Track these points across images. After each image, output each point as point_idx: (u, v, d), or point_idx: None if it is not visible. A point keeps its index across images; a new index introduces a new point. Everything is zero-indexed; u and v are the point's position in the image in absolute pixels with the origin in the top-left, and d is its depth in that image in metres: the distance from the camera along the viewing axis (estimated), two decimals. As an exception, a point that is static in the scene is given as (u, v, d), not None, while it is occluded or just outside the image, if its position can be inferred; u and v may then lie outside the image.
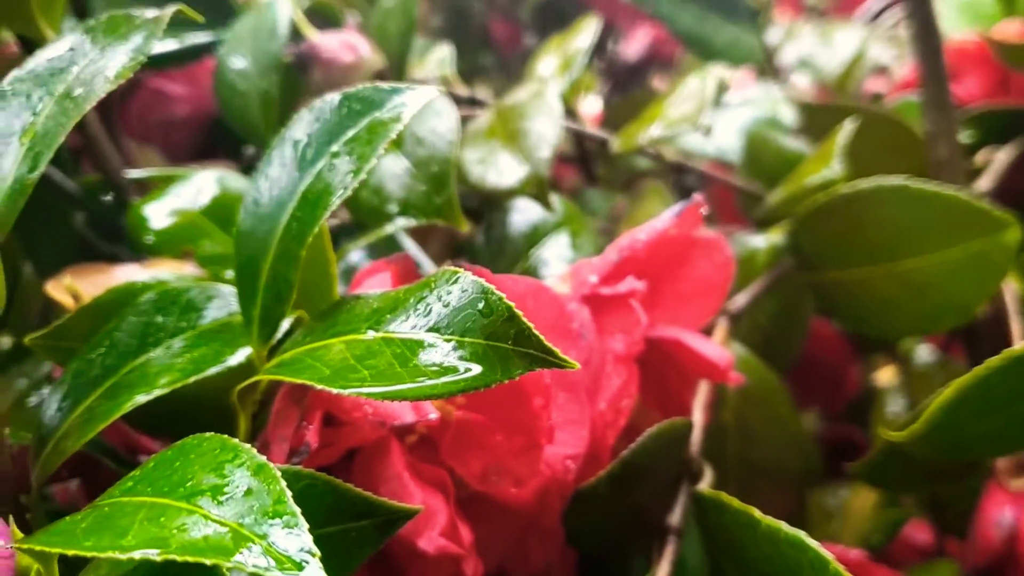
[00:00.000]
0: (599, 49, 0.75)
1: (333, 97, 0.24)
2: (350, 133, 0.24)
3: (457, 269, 0.21)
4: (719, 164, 0.57)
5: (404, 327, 0.21)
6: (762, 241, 0.44)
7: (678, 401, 0.32)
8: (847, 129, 0.41)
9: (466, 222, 0.34)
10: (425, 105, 0.36)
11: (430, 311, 0.21)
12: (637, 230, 0.31)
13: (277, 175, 0.24)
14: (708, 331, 0.37)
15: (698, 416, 0.33)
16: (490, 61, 0.80)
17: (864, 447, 0.61)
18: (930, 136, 0.42)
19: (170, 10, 0.27)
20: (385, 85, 0.24)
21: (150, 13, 0.34)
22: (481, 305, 0.20)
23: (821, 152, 0.41)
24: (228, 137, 0.45)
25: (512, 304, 0.20)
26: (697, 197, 0.31)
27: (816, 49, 0.69)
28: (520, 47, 0.77)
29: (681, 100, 0.39)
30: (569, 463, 0.27)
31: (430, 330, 0.21)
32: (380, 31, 0.42)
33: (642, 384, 0.30)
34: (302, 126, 0.24)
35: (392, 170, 0.35)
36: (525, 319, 0.20)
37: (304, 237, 0.23)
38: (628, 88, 0.90)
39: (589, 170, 0.63)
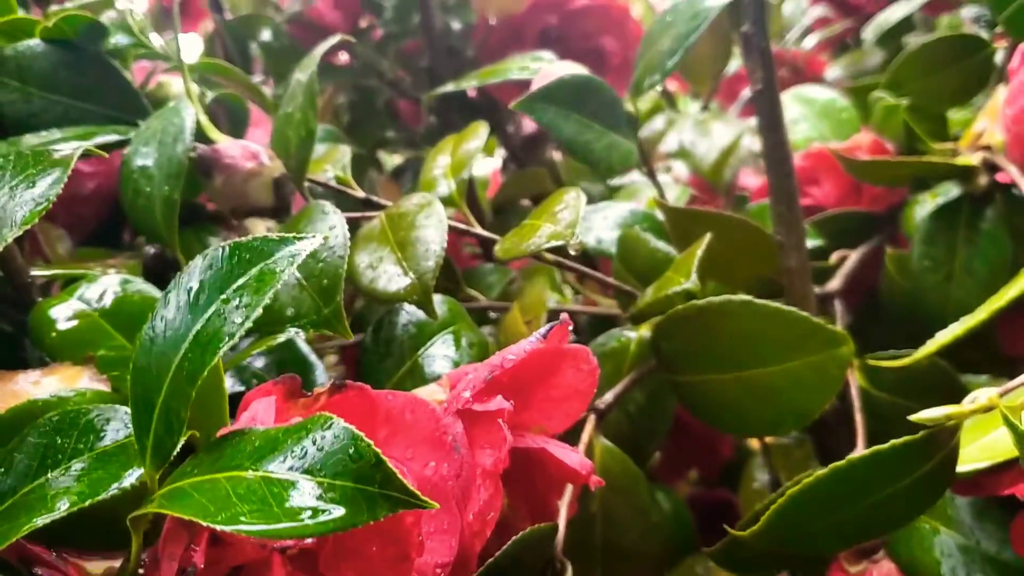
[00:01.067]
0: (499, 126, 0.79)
1: (225, 246, 0.27)
2: (240, 281, 0.27)
3: (330, 416, 0.24)
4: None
5: (282, 468, 0.24)
6: (634, 335, 0.48)
7: (545, 502, 0.36)
8: (704, 241, 0.45)
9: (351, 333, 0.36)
10: (319, 217, 0.39)
11: (305, 454, 0.24)
12: (508, 350, 0.34)
13: (172, 317, 0.27)
14: (579, 425, 0.40)
15: (564, 512, 0.36)
16: (395, 135, 0.83)
17: (737, 510, 0.66)
18: (781, 247, 0.47)
19: (80, 149, 0.29)
20: (274, 236, 0.27)
21: (65, 149, 0.36)
22: (351, 451, 0.23)
23: (682, 261, 0.45)
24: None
25: (379, 451, 0.23)
26: (564, 317, 0.35)
27: (695, 139, 0.74)
28: (425, 122, 0.81)
29: (556, 214, 0.43)
30: (439, 571, 0.30)
31: (305, 471, 0.23)
32: (281, 137, 0.45)
33: (512, 487, 0.33)
34: (196, 273, 0.27)
35: (285, 280, 0.38)
36: (390, 465, 0.23)
37: (195, 378, 0.25)
38: (526, 159, 0.94)
39: (486, 250, 0.67)
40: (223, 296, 0.26)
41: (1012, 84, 0.52)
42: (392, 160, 0.88)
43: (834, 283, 0.54)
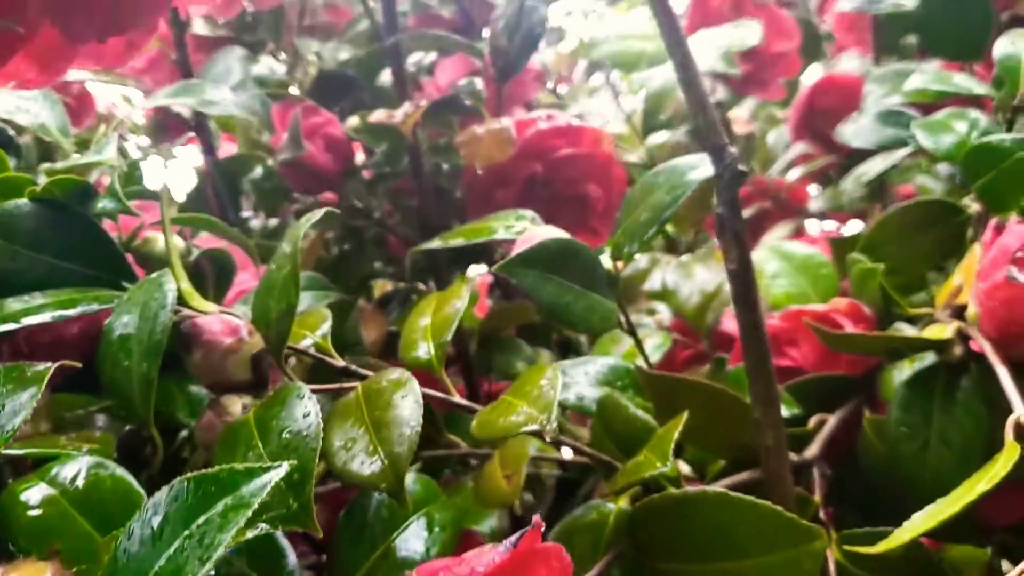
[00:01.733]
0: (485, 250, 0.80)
1: (190, 479, 0.27)
2: (205, 517, 0.26)
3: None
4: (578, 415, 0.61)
5: None
6: (612, 507, 0.48)
7: None
8: (682, 421, 0.45)
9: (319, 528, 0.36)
10: (294, 402, 0.40)
11: None
12: (477, 558, 0.34)
13: (136, 550, 0.27)
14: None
15: None
16: (383, 266, 0.84)
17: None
18: (758, 425, 0.47)
19: (52, 368, 0.30)
20: (241, 468, 0.27)
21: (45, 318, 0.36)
22: None
23: (658, 441, 0.45)
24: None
25: None
26: (536, 519, 0.35)
27: (679, 281, 0.75)
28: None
29: (533, 393, 0.43)
30: None
31: None
32: (262, 306, 0.45)
33: None
34: (161, 505, 0.27)
35: (257, 469, 0.37)
36: None
37: (154, 620, 0.25)
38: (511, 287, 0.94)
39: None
40: (187, 532, 0.26)
41: (984, 259, 0.53)
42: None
43: (812, 450, 0.54)
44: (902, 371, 0.56)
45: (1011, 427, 0.45)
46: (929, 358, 0.55)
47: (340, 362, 0.48)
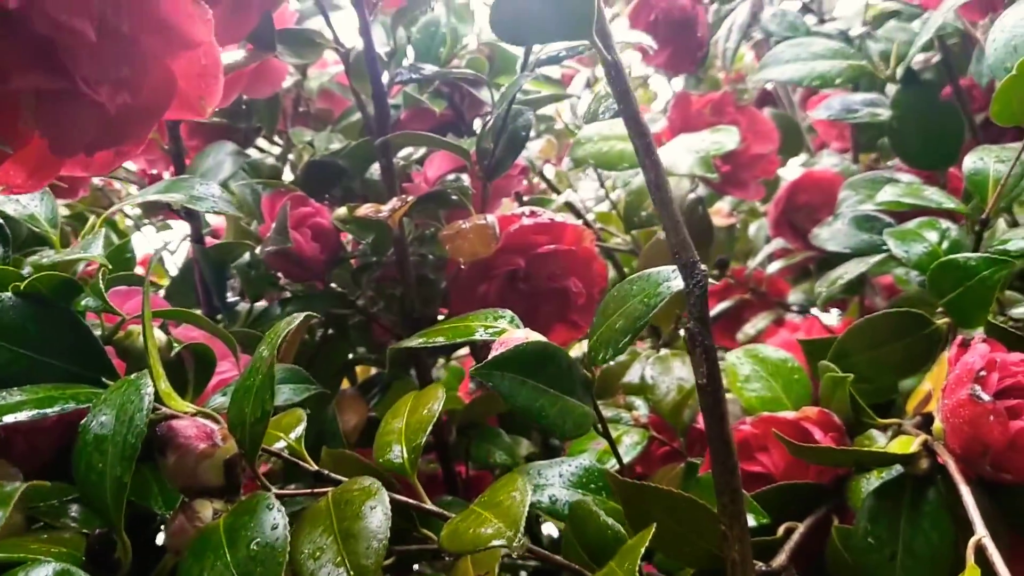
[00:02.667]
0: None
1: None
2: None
3: None
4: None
5: None
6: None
7: None
8: (649, 534, 0.46)
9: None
10: (263, 512, 0.40)
11: None
12: None
13: None
14: None
15: None
16: (366, 352, 0.85)
17: None
18: (725, 537, 0.48)
19: (20, 488, 0.30)
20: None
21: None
22: None
23: (625, 554, 0.45)
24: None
25: None
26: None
27: (657, 376, 0.76)
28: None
29: (504, 505, 0.44)
30: None
31: None
32: (237, 410, 0.46)
33: None
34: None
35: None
36: None
37: None
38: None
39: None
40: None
41: (949, 377, 0.54)
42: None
43: (780, 559, 0.54)
44: (870, 481, 0.57)
45: (972, 550, 0.46)
46: (897, 469, 0.56)
47: (312, 466, 0.48)
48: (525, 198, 1.06)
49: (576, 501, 0.54)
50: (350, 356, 0.82)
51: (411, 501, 0.49)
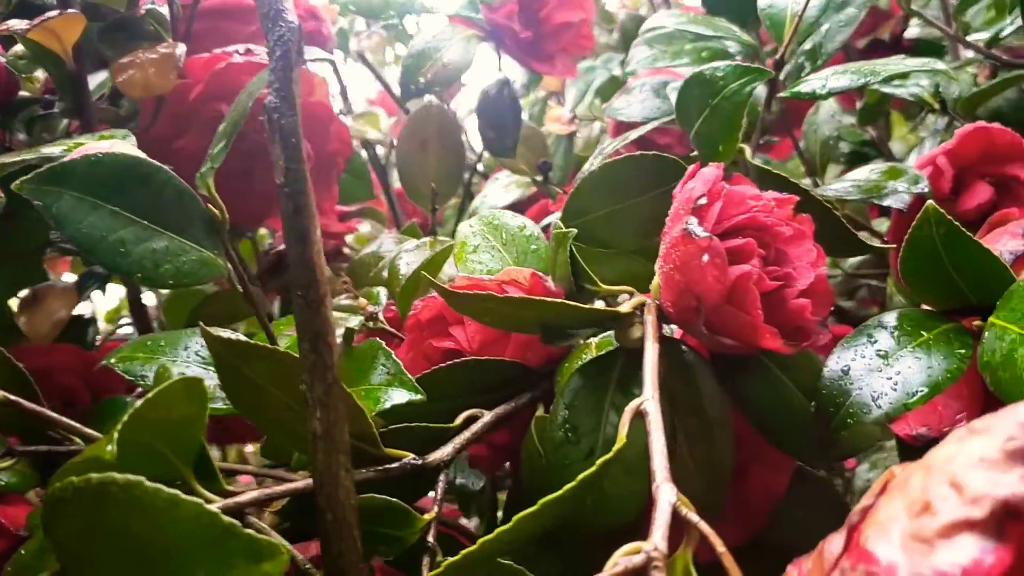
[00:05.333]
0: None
1: None
2: None
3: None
4: None
5: None
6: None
7: None
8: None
9: None
10: None
11: None
12: None
13: None
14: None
15: None
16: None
17: None
18: (305, 402, 0.34)
19: None
20: None
21: None
22: None
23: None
24: None
25: None
26: None
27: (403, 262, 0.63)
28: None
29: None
30: None
31: None
32: None
33: None
34: None
35: None
36: None
37: None
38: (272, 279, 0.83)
39: None
40: None
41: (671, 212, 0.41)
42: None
43: (441, 452, 0.41)
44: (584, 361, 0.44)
45: (628, 415, 0.33)
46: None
47: None
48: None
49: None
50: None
51: None
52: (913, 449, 0.43)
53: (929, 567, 0.18)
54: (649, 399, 0.33)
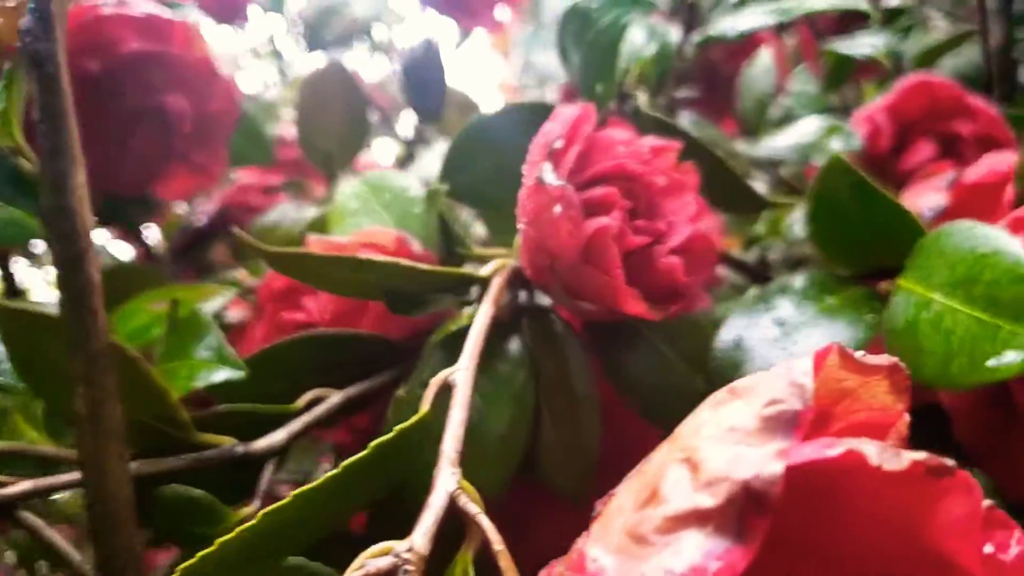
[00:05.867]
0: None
1: None
2: None
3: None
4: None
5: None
6: None
7: None
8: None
9: None
10: None
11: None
12: None
13: None
14: None
15: None
16: None
17: None
18: (76, 381, 0.29)
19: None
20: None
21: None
22: None
23: None
24: None
25: None
26: None
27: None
28: None
29: None
30: None
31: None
32: None
33: None
34: None
35: None
36: None
37: None
38: (191, 253, 0.80)
39: None
40: None
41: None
42: None
43: (272, 438, 0.36)
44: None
45: (433, 387, 0.28)
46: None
47: None
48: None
49: None
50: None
51: None
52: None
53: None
54: (462, 370, 0.28)
